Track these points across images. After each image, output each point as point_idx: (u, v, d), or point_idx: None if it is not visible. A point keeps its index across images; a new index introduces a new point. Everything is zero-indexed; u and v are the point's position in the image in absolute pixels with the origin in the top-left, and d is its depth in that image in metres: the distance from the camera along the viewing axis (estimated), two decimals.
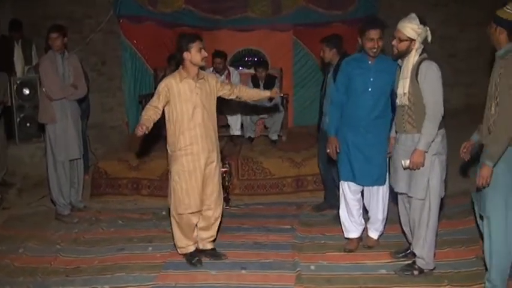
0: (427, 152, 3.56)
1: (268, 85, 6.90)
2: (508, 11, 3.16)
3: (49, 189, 5.35)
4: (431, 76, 3.50)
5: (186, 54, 3.86)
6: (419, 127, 3.57)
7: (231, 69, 6.77)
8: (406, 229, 4.01)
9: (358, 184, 4.23)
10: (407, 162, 3.59)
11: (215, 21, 7.71)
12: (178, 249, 4.23)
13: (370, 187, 4.23)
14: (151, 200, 5.87)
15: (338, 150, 4.21)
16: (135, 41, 7.62)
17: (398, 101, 3.68)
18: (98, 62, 8.19)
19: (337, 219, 4.71)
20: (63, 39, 5.04)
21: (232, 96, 4.26)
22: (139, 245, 4.64)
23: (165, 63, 7.05)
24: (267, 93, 4.42)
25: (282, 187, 5.92)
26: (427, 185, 3.62)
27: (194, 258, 4.16)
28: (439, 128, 3.56)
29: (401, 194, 3.86)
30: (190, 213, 4.03)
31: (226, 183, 5.51)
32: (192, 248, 4.19)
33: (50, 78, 4.99)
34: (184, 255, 4.21)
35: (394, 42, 3.64)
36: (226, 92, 4.20)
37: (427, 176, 3.61)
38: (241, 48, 7.80)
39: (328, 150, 4.28)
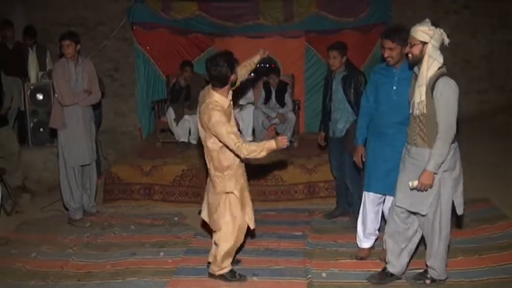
0: (436, 173, 3.46)
1: (280, 91, 6.92)
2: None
3: (61, 194, 5.38)
4: (448, 94, 3.36)
5: (233, 76, 3.68)
6: (430, 142, 3.46)
7: None
8: (389, 241, 3.87)
9: (381, 193, 4.19)
10: (416, 183, 3.47)
11: (227, 28, 7.71)
12: (221, 270, 4.00)
13: (392, 197, 4.16)
14: (163, 206, 5.87)
15: (364, 159, 4.23)
16: (148, 48, 7.64)
17: (413, 111, 3.54)
18: (111, 68, 8.25)
19: (349, 225, 4.67)
20: (76, 46, 5.05)
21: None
22: (151, 250, 4.64)
23: (177, 69, 7.08)
24: (257, 57, 4.35)
25: (294, 193, 5.89)
26: (432, 202, 3.55)
27: (235, 272, 4.04)
28: (451, 143, 3.45)
29: (399, 207, 3.73)
30: None
31: None
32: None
33: (61, 84, 5.02)
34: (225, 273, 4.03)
35: (406, 49, 3.55)
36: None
37: (434, 193, 3.53)
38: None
39: (355, 159, 4.31)
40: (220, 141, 3.58)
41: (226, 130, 3.48)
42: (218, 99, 3.59)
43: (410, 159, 3.63)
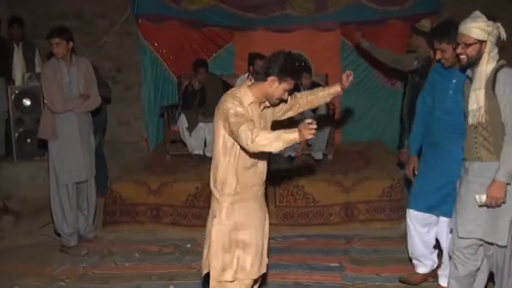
0: (509, 183, 3.36)
1: None
2: None
3: (51, 216, 5.39)
4: None
5: (274, 81, 3.25)
6: (498, 153, 3.37)
7: None
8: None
9: (428, 212, 4.15)
10: (484, 197, 3.38)
11: (249, 20, 7.73)
12: None
13: (442, 218, 4.11)
14: (173, 230, 5.86)
15: (416, 172, 4.25)
16: (155, 44, 7.69)
17: (470, 120, 3.47)
18: (112, 68, 8.28)
19: None
20: (68, 45, 5.05)
21: (290, 114, 3.76)
22: (158, 283, 4.63)
23: (190, 69, 7.09)
24: (336, 88, 3.83)
25: (328, 216, 5.84)
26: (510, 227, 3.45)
27: None
28: None
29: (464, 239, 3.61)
30: None
31: None
32: None
33: (51, 88, 5.03)
34: None
35: (459, 50, 3.47)
36: (283, 113, 3.69)
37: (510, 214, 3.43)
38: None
39: (405, 171, 4.35)
40: (232, 136, 3.24)
41: (235, 111, 3.15)
42: (243, 91, 3.32)
43: (474, 178, 3.50)
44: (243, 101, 3.23)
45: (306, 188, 5.88)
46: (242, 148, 3.18)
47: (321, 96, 3.79)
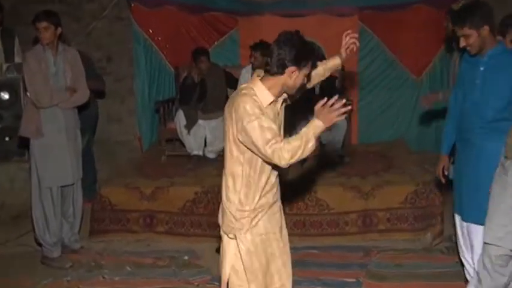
0: None
1: (326, 88, 6.84)
2: None
3: (32, 224, 5.40)
4: None
5: (294, 72, 3.18)
6: None
7: None
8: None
9: (463, 218, 4.18)
10: None
11: (255, 3, 7.74)
12: None
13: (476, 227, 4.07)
14: (169, 240, 5.87)
15: (446, 173, 4.30)
16: (150, 31, 7.69)
17: None
18: (101, 57, 8.30)
19: None
20: (56, 30, 5.06)
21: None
22: None
23: (189, 59, 7.11)
24: (334, 61, 4.04)
25: (344, 226, 5.83)
26: None
27: None
28: None
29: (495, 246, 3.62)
30: None
31: None
32: None
33: (35, 80, 5.03)
34: None
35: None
36: None
37: None
38: None
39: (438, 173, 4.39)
40: (248, 147, 3.20)
41: (260, 124, 3.08)
42: (258, 89, 3.22)
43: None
44: (262, 103, 3.16)
45: (318, 194, 5.87)
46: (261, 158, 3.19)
47: (320, 72, 3.90)
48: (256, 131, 3.04)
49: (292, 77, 3.15)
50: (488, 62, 3.85)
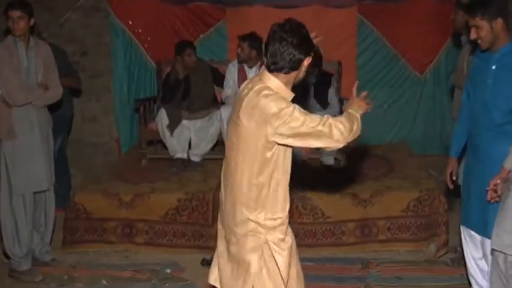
0: None
1: (322, 86, 6.88)
2: None
3: (0, 234, 5.39)
4: None
5: (306, 61, 3.28)
6: None
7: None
8: None
9: (473, 229, 4.19)
10: None
11: None
12: None
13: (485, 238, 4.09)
14: (149, 252, 5.87)
15: (454, 177, 4.29)
16: (130, 23, 7.71)
17: None
18: (76, 51, 8.23)
19: None
20: (29, 21, 5.05)
21: None
22: None
23: (172, 54, 7.10)
24: None
25: (341, 235, 5.85)
26: None
27: None
28: None
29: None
30: None
31: None
32: None
33: (7, 75, 5.01)
34: None
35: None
36: None
37: None
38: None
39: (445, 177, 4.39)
40: (292, 144, 3.22)
41: (300, 111, 3.14)
42: (277, 86, 3.25)
43: None
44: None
45: (313, 201, 5.88)
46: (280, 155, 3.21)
47: None
48: (300, 120, 3.09)
49: (304, 68, 3.26)
50: (500, 60, 3.86)
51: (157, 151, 7.14)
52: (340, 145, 3.18)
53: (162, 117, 6.84)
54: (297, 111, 3.08)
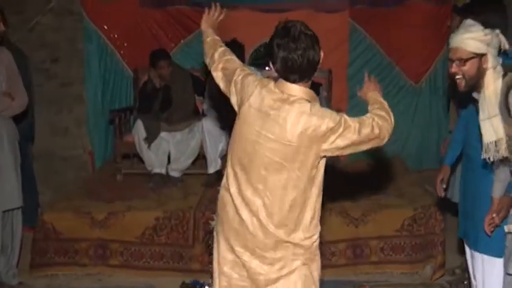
0: None
1: None
2: None
3: None
4: None
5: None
6: None
7: (252, 69, 6.79)
8: None
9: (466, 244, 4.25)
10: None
11: None
12: None
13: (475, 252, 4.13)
14: (124, 274, 5.87)
15: (444, 186, 4.36)
16: (105, 27, 7.73)
17: (486, 156, 3.54)
18: (46, 58, 8.26)
19: None
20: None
21: None
22: None
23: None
24: None
25: (331, 257, 5.85)
26: None
27: None
28: None
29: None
30: None
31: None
32: None
33: None
34: None
35: (453, 69, 3.59)
36: None
37: None
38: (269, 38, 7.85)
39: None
40: (349, 151, 3.35)
41: (346, 119, 3.26)
42: (306, 94, 3.38)
43: None
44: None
45: None
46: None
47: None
48: (353, 128, 3.22)
49: None
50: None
51: (133, 165, 7.15)
52: (386, 139, 3.43)
53: (139, 129, 6.83)
54: (347, 119, 3.21)
